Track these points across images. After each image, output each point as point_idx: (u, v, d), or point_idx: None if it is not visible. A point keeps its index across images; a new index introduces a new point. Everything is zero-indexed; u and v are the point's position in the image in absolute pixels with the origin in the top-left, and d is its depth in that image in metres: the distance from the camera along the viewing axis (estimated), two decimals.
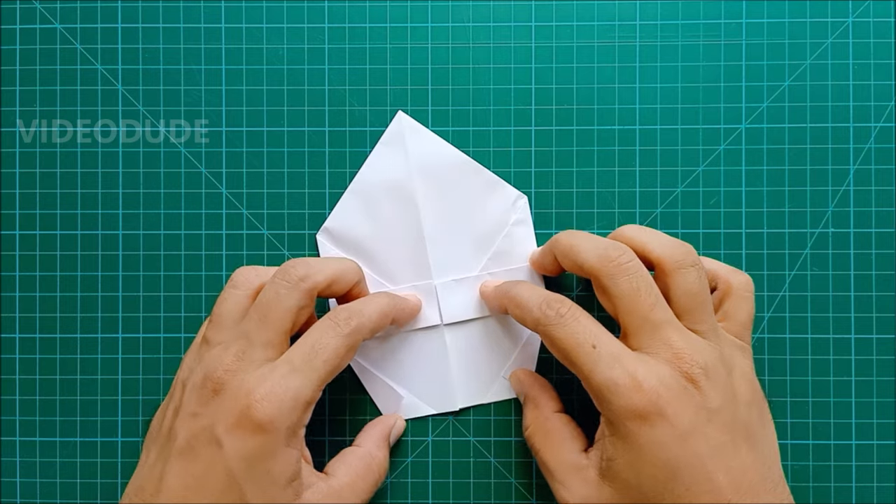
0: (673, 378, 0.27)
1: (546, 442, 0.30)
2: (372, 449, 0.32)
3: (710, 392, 0.27)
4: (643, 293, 0.28)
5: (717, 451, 0.27)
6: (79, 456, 0.35)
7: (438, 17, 0.35)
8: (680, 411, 0.26)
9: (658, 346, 0.28)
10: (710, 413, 0.27)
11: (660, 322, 0.28)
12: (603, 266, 0.28)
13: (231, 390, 0.27)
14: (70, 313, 0.35)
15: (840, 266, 0.35)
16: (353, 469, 0.30)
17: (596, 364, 0.27)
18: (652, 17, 0.35)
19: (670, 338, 0.28)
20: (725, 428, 0.27)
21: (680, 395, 0.27)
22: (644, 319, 0.28)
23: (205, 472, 0.27)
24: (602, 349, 0.27)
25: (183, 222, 0.35)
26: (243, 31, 0.35)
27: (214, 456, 0.26)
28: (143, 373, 0.35)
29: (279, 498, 0.27)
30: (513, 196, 0.35)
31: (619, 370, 0.27)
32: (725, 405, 0.27)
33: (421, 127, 0.35)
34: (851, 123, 0.35)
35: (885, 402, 0.34)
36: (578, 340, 0.28)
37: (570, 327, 0.28)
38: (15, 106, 0.35)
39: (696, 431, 0.26)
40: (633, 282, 0.28)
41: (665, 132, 0.35)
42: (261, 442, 0.26)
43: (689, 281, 0.29)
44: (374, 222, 0.34)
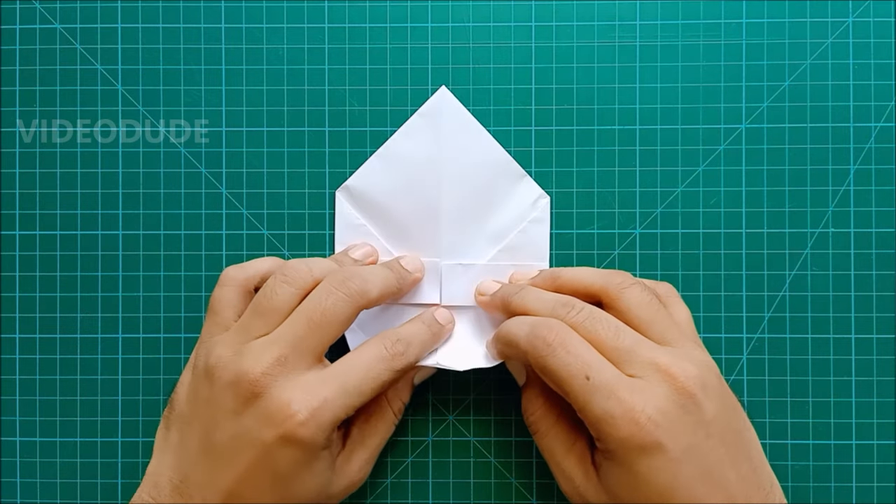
0: (670, 400, 0.27)
1: (554, 427, 0.30)
2: (389, 393, 0.32)
3: (707, 403, 0.27)
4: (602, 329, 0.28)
5: (713, 469, 0.27)
6: (79, 456, 0.35)
7: (438, 17, 0.35)
8: (677, 436, 0.26)
9: (644, 369, 0.27)
10: (708, 427, 0.27)
11: (632, 345, 0.28)
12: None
13: (274, 398, 0.27)
14: (70, 313, 0.35)
15: (840, 266, 0.35)
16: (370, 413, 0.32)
17: (592, 396, 0.27)
18: (652, 17, 0.35)
19: (651, 356, 0.27)
20: (722, 440, 0.27)
21: (678, 419, 0.26)
22: (616, 350, 0.28)
23: (251, 472, 0.27)
24: (596, 379, 0.27)
25: (183, 222, 0.35)
26: (243, 31, 0.35)
27: (260, 459, 0.27)
28: (143, 373, 0.35)
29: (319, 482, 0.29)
30: (536, 194, 0.35)
31: (615, 402, 0.27)
32: (720, 414, 0.27)
33: (461, 107, 0.35)
34: (852, 123, 0.35)
35: (885, 402, 0.34)
36: (571, 372, 0.27)
37: (561, 358, 0.28)
38: (15, 106, 0.35)
39: (693, 453, 0.26)
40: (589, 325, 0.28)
41: (665, 132, 0.35)
42: (302, 452, 0.27)
43: (636, 295, 0.29)
44: (394, 190, 0.34)
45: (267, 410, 0.27)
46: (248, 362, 0.28)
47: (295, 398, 0.27)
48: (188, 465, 0.28)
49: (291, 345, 0.28)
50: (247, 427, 0.27)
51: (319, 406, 0.27)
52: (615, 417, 0.26)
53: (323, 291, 0.29)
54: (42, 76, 0.35)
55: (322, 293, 0.29)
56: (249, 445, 0.27)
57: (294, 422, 0.27)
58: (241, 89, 0.35)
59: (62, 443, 0.35)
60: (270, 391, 0.27)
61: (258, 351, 0.28)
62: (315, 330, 0.28)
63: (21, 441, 0.35)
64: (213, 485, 0.28)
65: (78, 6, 0.35)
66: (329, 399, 0.27)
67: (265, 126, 0.35)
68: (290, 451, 0.27)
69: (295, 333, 0.28)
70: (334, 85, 0.35)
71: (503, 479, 0.35)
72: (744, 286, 0.35)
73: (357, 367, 0.29)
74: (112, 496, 0.35)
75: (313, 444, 0.27)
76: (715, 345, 0.35)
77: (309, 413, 0.27)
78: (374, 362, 0.29)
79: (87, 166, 0.35)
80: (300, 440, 0.27)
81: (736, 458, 0.27)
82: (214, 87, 0.35)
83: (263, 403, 0.27)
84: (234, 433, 0.28)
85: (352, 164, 0.35)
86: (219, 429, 0.28)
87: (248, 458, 0.27)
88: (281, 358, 0.28)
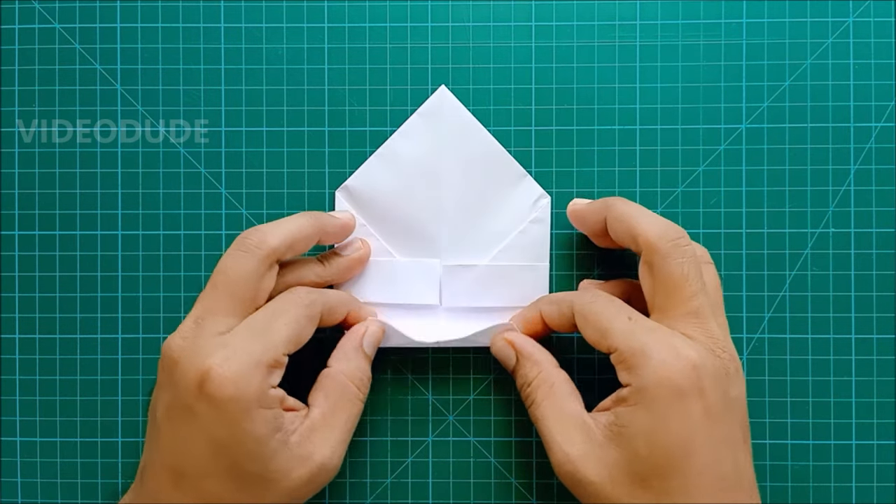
0: (711, 360, 0.27)
1: (550, 394, 0.30)
2: (342, 366, 0.31)
3: (735, 385, 0.28)
4: (691, 279, 0.28)
5: (733, 443, 0.27)
6: (79, 456, 0.35)
7: (438, 17, 0.35)
8: (713, 392, 0.26)
9: (695, 330, 0.28)
10: (732, 404, 0.27)
11: (699, 308, 0.28)
12: (661, 244, 0.28)
13: (188, 358, 0.27)
14: (70, 314, 0.35)
15: (840, 266, 0.35)
16: (328, 393, 0.30)
17: (633, 331, 0.28)
18: (652, 17, 0.35)
19: (709, 325, 0.28)
20: (739, 423, 0.28)
21: (715, 378, 0.27)
22: (685, 304, 0.28)
23: (188, 441, 0.27)
24: (638, 321, 0.28)
25: (182, 223, 0.35)
26: (242, 30, 0.35)
27: (192, 424, 0.27)
28: (143, 373, 0.35)
29: (265, 452, 0.27)
30: (536, 194, 0.35)
31: (658, 338, 0.27)
32: (740, 402, 0.28)
33: (461, 106, 0.35)
34: (852, 123, 0.34)
35: (885, 402, 0.34)
36: (614, 312, 0.29)
37: (606, 304, 0.29)
38: (14, 106, 0.35)
39: (722, 417, 0.27)
40: (686, 267, 0.28)
41: (665, 132, 0.35)
42: (231, 408, 0.26)
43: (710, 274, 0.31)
44: (394, 190, 0.34)
45: (185, 372, 0.27)
46: (173, 335, 0.28)
47: (208, 353, 0.27)
48: (146, 451, 0.29)
49: (203, 309, 0.28)
50: (174, 395, 0.27)
51: (231, 355, 0.27)
52: (656, 350, 0.27)
53: (224, 254, 0.29)
54: (41, 76, 0.35)
55: (224, 256, 0.29)
56: (179, 413, 0.27)
57: (210, 375, 0.26)
58: (241, 89, 0.35)
59: (62, 443, 0.35)
60: (186, 353, 0.27)
61: (180, 324, 0.29)
62: (221, 290, 0.29)
63: (21, 441, 0.35)
64: (160, 464, 0.28)
65: (77, 6, 0.35)
66: (241, 346, 0.27)
67: (265, 126, 0.35)
68: (218, 410, 0.26)
69: (204, 298, 0.29)
70: (334, 85, 0.35)
71: (503, 479, 0.35)
72: (744, 286, 0.35)
73: (267, 311, 0.29)
74: (112, 496, 0.35)
75: (238, 397, 0.26)
76: None
77: (221, 361, 0.27)
78: (284, 304, 0.29)
79: (86, 166, 0.35)
80: (222, 394, 0.26)
81: (745, 444, 0.28)
82: (214, 87, 0.35)
83: (181, 367, 0.27)
84: (166, 405, 0.28)
85: (352, 164, 0.35)
86: (158, 407, 0.28)
87: (181, 427, 0.27)
88: (196, 320, 0.28)
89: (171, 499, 0.27)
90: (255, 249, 0.29)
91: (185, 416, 0.27)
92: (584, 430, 0.28)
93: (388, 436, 0.35)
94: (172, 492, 0.27)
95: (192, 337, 0.28)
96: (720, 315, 0.30)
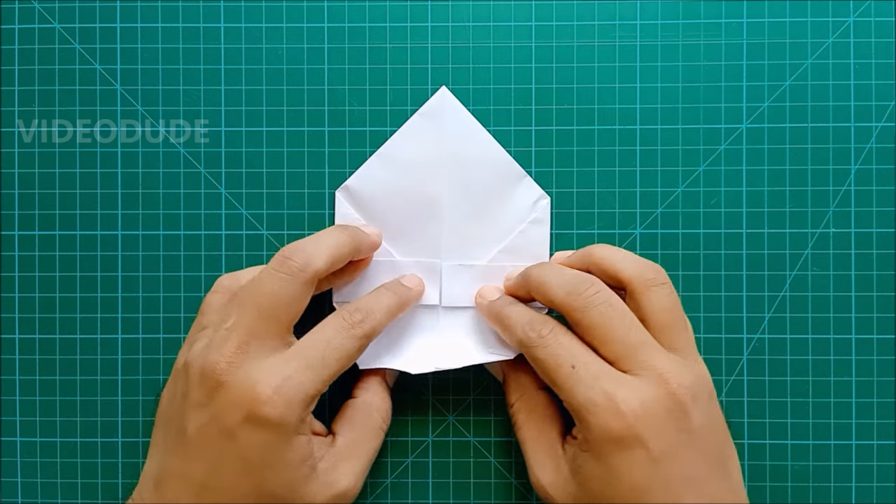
0: (657, 401, 0.27)
1: (529, 419, 0.31)
2: (368, 397, 0.32)
3: (694, 414, 0.27)
4: (616, 320, 0.28)
5: (691, 478, 0.27)
6: (79, 456, 0.35)
7: (438, 17, 0.35)
8: (658, 435, 0.26)
9: (641, 368, 0.27)
10: (690, 436, 0.27)
11: (638, 343, 0.28)
12: (572, 300, 0.29)
13: (237, 383, 0.27)
14: (70, 314, 0.35)
15: (841, 266, 0.34)
16: (354, 423, 0.31)
17: (576, 384, 0.27)
18: (652, 17, 0.35)
19: (653, 358, 0.28)
20: (703, 453, 0.27)
21: (661, 419, 0.26)
22: (622, 343, 0.28)
23: (220, 461, 0.27)
24: (582, 370, 0.28)
25: (182, 223, 0.35)
26: (242, 30, 0.35)
27: (228, 446, 0.27)
28: (143, 373, 0.35)
29: (295, 478, 0.27)
30: (536, 194, 0.35)
31: (598, 391, 0.27)
32: (705, 428, 0.27)
33: (461, 107, 0.34)
34: (853, 123, 0.34)
35: (885, 403, 0.34)
36: (559, 361, 0.28)
37: (551, 348, 0.28)
38: (14, 106, 0.35)
39: (672, 456, 0.26)
40: (604, 310, 0.28)
41: (665, 132, 0.35)
42: (272, 434, 0.27)
43: (662, 297, 0.29)
44: (394, 190, 0.34)
45: (231, 395, 0.27)
46: (214, 354, 0.28)
47: (259, 379, 0.27)
48: (165, 462, 0.29)
49: (249, 332, 0.28)
50: (213, 415, 0.27)
51: (282, 383, 0.27)
52: (597, 405, 0.27)
53: (265, 274, 0.29)
54: (41, 76, 0.35)
55: (264, 276, 0.29)
56: (217, 433, 0.27)
57: (259, 401, 0.26)
58: (241, 89, 0.35)
59: (62, 443, 0.35)
60: (234, 377, 0.27)
61: (220, 342, 0.28)
62: (266, 315, 0.28)
63: (21, 441, 0.35)
64: (185, 478, 0.28)
65: (77, 6, 0.35)
66: (292, 375, 0.27)
67: (265, 126, 0.35)
68: (259, 433, 0.27)
69: (249, 322, 0.28)
70: (334, 85, 0.35)
71: (503, 479, 0.35)
72: (744, 286, 0.35)
73: (317, 340, 0.29)
74: (112, 496, 0.35)
75: (282, 424, 0.27)
76: (715, 345, 0.34)
77: (272, 390, 0.27)
78: (334, 333, 0.29)
79: (86, 166, 0.35)
80: (267, 419, 0.26)
81: (716, 473, 0.27)
82: (214, 87, 0.35)
83: (227, 390, 0.27)
84: (201, 423, 0.27)
85: (352, 164, 0.35)
86: (189, 422, 0.28)
87: (217, 446, 0.27)
88: (242, 345, 0.28)
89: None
90: (300, 273, 0.29)
91: (224, 437, 0.27)
92: (555, 459, 0.29)
93: (388, 436, 0.35)
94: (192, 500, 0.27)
95: (238, 362, 0.27)
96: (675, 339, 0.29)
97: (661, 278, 0.30)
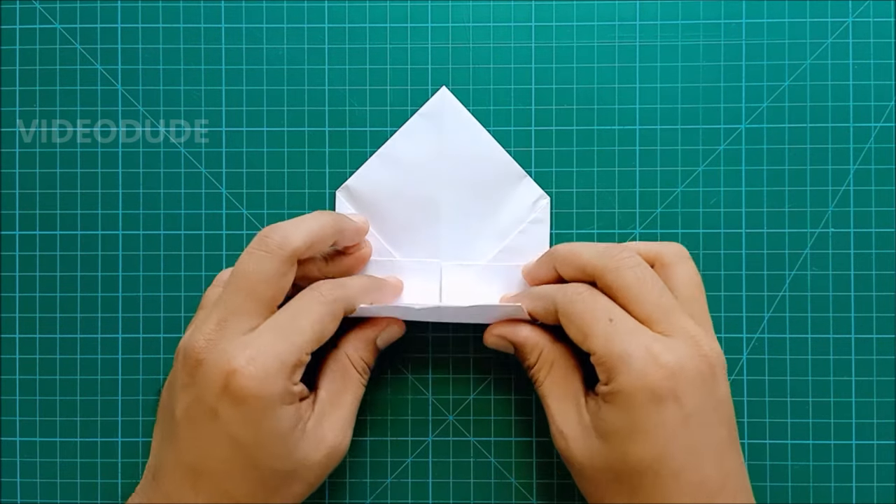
0: (692, 360, 0.27)
1: (550, 373, 0.30)
2: (350, 349, 0.31)
3: (721, 383, 0.27)
4: (649, 282, 0.28)
5: (716, 446, 0.27)
6: (79, 456, 0.35)
7: (438, 18, 0.35)
8: (691, 394, 0.26)
9: (674, 330, 0.27)
10: (717, 404, 0.27)
11: (670, 307, 0.28)
12: (606, 262, 0.29)
13: (213, 359, 0.27)
14: (70, 314, 0.35)
15: (840, 266, 0.35)
16: (335, 375, 0.31)
17: (614, 334, 0.27)
18: (652, 17, 0.35)
19: (685, 323, 0.28)
20: (725, 425, 0.27)
21: (695, 379, 0.26)
22: (656, 305, 0.28)
23: (209, 441, 0.27)
24: (619, 324, 0.28)
25: (183, 222, 0.35)
26: (243, 31, 0.35)
27: (213, 425, 0.27)
28: (143, 373, 0.35)
29: (287, 447, 0.27)
30: (536, 194, 0.35)
31: (636, 343, 0.27)
32: (727, 400, 0.28)
33: (461, 107, 0.35)
34: (851, 123, 0.35)
35: (885, 402, 0.34)
36: (596, 315, 0.28)
37: (589, 303, 0.28)
38: (15, 106, 0.35)
39: (700, 419, 0.26)
40: (638, 272, 0.28)
41: (665, 132, 0.35)
42: (254, 407, 0.26)
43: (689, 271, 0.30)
44: (394, 190, 0.34)
45: (209, 373, 0.27)
46: (195, 335, 0.28)
47: (233, 353, 0.27)
48: (161, 452, 0.29)
49: (228, 310, 0.28)
50: (196, 396, 0.27)
51: (256, 353, 0.27)
52: (633, 357, 0.26)
53: (245, 254, 0.29)
54: (42, 76, 0.35)
55: (244, 256, 0.29)
56: (202, 414, 0.27)
57: (234, 374, 0.26)
58: (241, 89, 0.35)
59: (62, 443, 0.35)
60: (211, 354, 0.27)
61: (201, 322, 0.28)
62: (245, 292, 0.28)
63: (21, 441, 0.35)
64: (178, 464, 0.28)
65: (78, 6, 0.35)
66: (264, 344, 0.27)
67: (265, 126, 0.35)
68: (239, 408, 0.26)
69: (228, 300, 0.28)
70: (334, 85, 0.35)
71: (503, 479, 0.35)
72: (743, 286, 0.35)
73: (288, 308, 0.29)
74: (112, 496, 0.35)
75: (261, 396, 0.26)
76: None
77: (246, 360, 0.26)
78: (306, 300, 0.29)
79: (86, 166, 0.35)
80: (244, 392, 0.26)
81: (734, 447, 0.28)
82: (214, 88, 0.35)
83: (205, 368, 0.27)
84: (187, 405, 0.27)
85: (352, 164, 0.35)
86: (177, 406, 0.28)
87: (204, 428, 0.27)
88: (220, 322, 0.28)
89: (188, 499, 0.27)
90: (278, 250, 0.29)
91: (208, 416, 0.27)
92: (578, 409, 0.29)
93: (388, 436, 0.35)
94: (190, 492, 0.27)
95: (216, 339, 0.27)
96: (701, 312, 0.29)
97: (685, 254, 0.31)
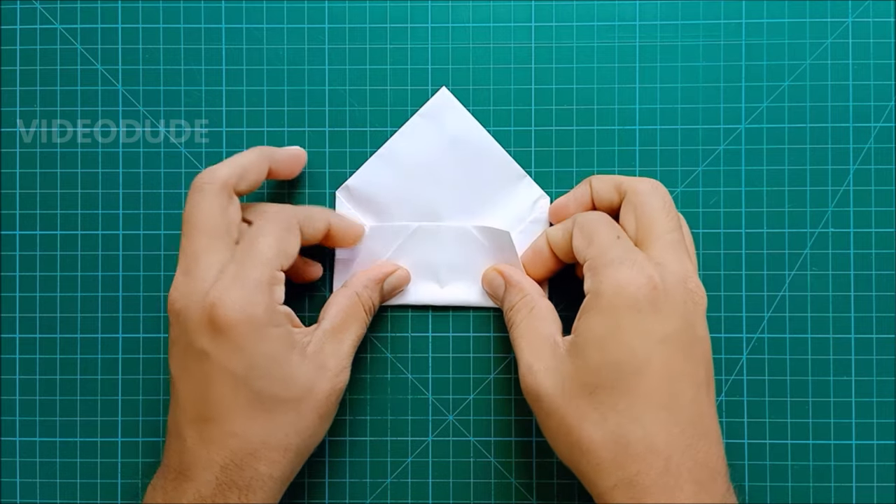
0: (678, 287, 0.27)
1: (528, 317, 0.30)
2: (358, 286, 0.32)
3: (701, 323, 0.28)
4: (671, 212, 0.29)
5: (694, 379, 0.27)
6: (79, 456, 0.35)
7: (438, 18, 0.35)
8: (671, 317, 0.27)
9: (673, 259, 0.28)
10: (696, 340, 0.27)
11: (677, 241, 0.28)
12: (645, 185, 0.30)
13: (191, 303, 0.27)
14: (70, 313, 0.35)
15: (840, 266, 0.35)
16: (340, 309, 0.31)
17: (613, 245, 0.28)
18: (652, 18, 0.35)
19: (683, 259, 0.28)
20: (703, 365, 0.27)
21: (677, 305, 0.27)
22: (663, 236, 0.28)
23: (206, 383, 0.27)
24: (624, 241, 0.29)
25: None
26: (243, 31, 0.35)
27: (206, 364, 0.27)
28: (144, 373, 0.35)
29: (289, 368, 0.28)
30: (536, 194, 0.35)
31: (632, 258, 0.28)
32: (705, 343, 0.28)
33: (461, 107, 0.35)
34: (851, 123, 0.35)
35: (885, 402, 0.34)
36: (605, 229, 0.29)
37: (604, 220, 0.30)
38: (15, 106, 0.35)
39: (680, 346, 0.27)
40: (666, 201, 0.29)
41: (665, 132, 0.35)
42: (241, 332, 0.27)
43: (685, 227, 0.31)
44: (394, 190, 0.34)
45: (191, 317, 0.27)
46: (170, 294, 0.28)
47: (207, 290, 0.27)
48: (170, 425, 0.29)
49: (188, 257, 0.28)
50: (185, 344, 0.27)
51: (229, 283, 0.27)
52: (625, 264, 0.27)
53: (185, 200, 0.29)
54: (42, 76, 0.35)
55: (185, 205, 0.29)
56: (192, 359, 0.27)
57: (215, 307, 0.27)
58: (242, 90, 0.35)
59: (62, 443, 0.35)
60: (188, 300, 0.27)
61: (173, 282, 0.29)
62: (195, 234, 0.28)
63: (21, 441, 0.35)
64: (182, 420, 0.28)
65: (78, 6, 0.35)
66: (236, 273, 0.27)
67: (265, 126, 0.35)
68: (231, 339, 0.27)
69: (185, 247, 0.29)
70: (334, 85, 0.35)
71: (503, 479, 0.35)
72: (743, 286, 0.35)
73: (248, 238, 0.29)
74: (112, 496, 0.35)
75: (248, 320, 0.27)
76: (715, 345, 0.34)
77: (221, 292, 0.27)
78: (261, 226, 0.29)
79: (87, 166, 0.35)
80: (229, 320, 0.26)
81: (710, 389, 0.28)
82: (215, 88, 0.35)
83: (186, 312, 0.27)
84: (178, 358, 0.28)
85: (352, 164, 0.35)
86: (173, 366, 0.28)
87: (196, 371, 0.27)
88: (185, 271, 0.28)
89: (198, 454, 0.27)
90: (208, 185, 0.29)
91: (199, 358, 0.27)
92: (553, 348, 0.29)
93: (388, 436, 0.35)
94: (199, 446, 0.27)
95: (187, 286, 0.28)
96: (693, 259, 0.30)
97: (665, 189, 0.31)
